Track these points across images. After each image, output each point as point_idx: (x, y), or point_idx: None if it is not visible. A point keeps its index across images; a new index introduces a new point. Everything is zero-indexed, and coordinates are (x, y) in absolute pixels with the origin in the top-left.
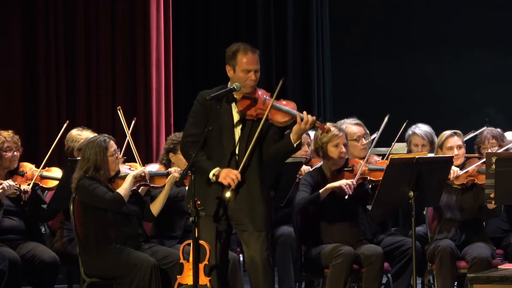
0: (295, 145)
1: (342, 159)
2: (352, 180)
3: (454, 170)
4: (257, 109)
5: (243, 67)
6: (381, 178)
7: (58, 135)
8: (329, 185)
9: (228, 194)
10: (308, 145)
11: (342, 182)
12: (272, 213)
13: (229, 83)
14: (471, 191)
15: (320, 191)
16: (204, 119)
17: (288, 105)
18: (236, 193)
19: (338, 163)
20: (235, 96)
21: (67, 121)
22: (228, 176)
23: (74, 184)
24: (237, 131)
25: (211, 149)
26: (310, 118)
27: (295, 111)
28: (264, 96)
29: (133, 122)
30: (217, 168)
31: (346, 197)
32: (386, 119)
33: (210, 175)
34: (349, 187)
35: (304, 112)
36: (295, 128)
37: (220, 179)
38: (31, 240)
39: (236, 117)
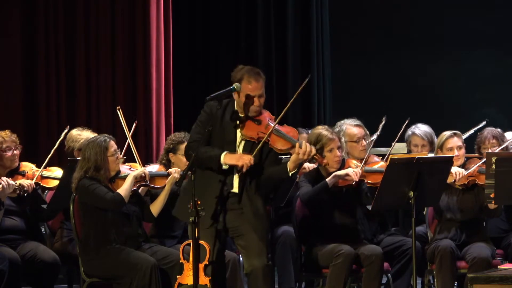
0: (290, 174)
1: (338, 163)
2: (358, 167)
3: (460, 172)
4: (258, 132)
5: (247, 93)
6: (377, 181)
7: (59, 139)
8: (336, 173)
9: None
10: None
11: (349, 170)
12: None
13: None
14: (472, 191)
15: (327, 179)
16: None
17: (289, 132)
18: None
19: (334, 167)
20: (240, 115)
21: (68, 126)
22: (242, 158)
23: (75, 184)
24: (239, 150)
25: None
26: (310, 149)
27: (296, 140)
28: (268, 119)
29: (134, 124)
30: (226, 152)
31: (353, 183)
32: (383, 122)
33: (221, 159)
34: (355, 174)
35: (304, 142)
36: (293, 157)
37: (234, 161)
38: (31, 240)
39: (239, 135)
